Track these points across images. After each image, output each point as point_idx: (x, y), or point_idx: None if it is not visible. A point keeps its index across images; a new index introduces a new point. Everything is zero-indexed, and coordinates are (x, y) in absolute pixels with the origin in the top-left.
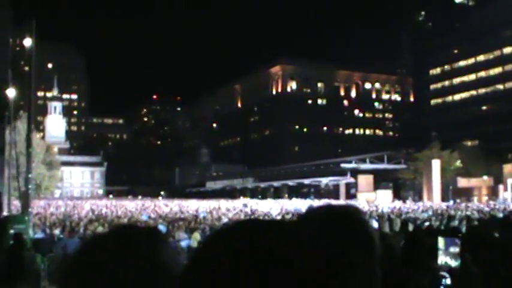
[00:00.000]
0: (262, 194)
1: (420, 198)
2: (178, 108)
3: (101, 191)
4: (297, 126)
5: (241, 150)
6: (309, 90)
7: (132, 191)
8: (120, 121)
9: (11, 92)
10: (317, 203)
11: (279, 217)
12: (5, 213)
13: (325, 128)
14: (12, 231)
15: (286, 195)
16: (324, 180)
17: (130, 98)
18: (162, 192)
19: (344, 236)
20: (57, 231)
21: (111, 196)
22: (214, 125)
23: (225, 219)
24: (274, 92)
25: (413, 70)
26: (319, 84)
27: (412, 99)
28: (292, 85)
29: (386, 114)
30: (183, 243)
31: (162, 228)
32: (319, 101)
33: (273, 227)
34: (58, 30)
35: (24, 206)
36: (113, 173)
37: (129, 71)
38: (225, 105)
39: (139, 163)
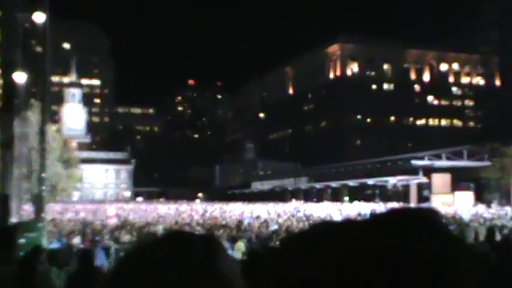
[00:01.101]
0: (317, 196)
1: (508, 202)
2: (219, 96)
3: (127, 193)
4: (359, 116)
5: (293, 145)
6: (373, 73)
7: (164, 193)
8: (151, 111)
9: (20, 77)
10: (383, 207)
11: None
12: (14, 219)
13: (392, 118)
14: (22, 240)
15: (347, 198)
16: (391, 180)
17: (162, 83)
18: (200, 195)
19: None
20: (76, 241)
21: (139, 199)
22: (261, 115)
23: (274, 226)
24: (331, 75)
25: (500, 48)
26: (386, 66)
27: (497, 83)
28: (353, 67)
29: (467, 101)
30: None
31: None
32: (386, 86)
33: (361, 227)
34: (77, 7)
35: (38, 210)
36: (142, 172)
37: (160, 52)
38: (273, 92)
39: (173, 160)
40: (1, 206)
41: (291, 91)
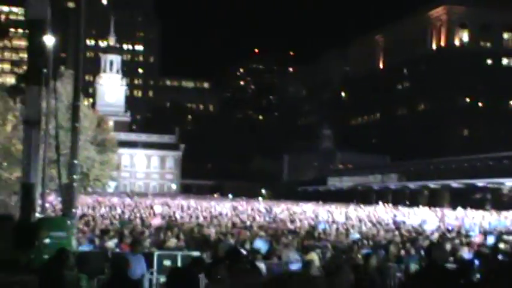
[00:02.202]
0: (410, 198)
1: None
2: (291, 69)
3: (174, 186)
4: (467, 99)
5: (381, 133)
6: (488, 44)
7: (220, 187)
8: (205, 85)
9: (49, 40)
10: (495, 216)
11: (436, 235)
12: (37, 214)
13: (511, 102)
14: (47, 240)
15: (447, 202)
16: (508, 183)
17: (220, 52)
18: (263, 191)
19: None
20: (111, 243)
21: (189, 193)
22: (343, 94)
23: (355, 235)
24: (434, 46)
25: None
26: (505, 35)
27: None
28: (463, 36)
29: None
30: (294, 267)
31: (261, 244)
32: (505, 61)
33: None
34: None
35: (67, 204)
36: (193, 160)
37: (219, 12)
38: (359, 66)
39: (230, 147)
40: (24, 198)
41: (381, 65)
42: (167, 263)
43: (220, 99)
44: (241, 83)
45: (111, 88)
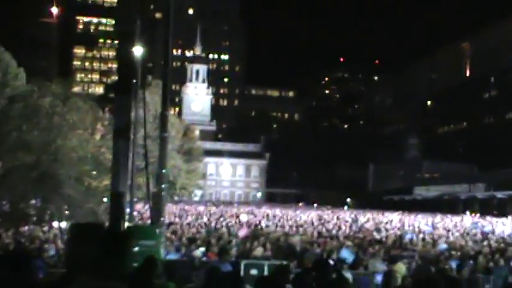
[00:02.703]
0: (499, 208)
1: None
2: (376, 77)
3: (259, 194)
4: None
5: (468, 142)
6: None
7: (304, 196)
8: (290, 94)
9: (138, 50)
10: None
11: None
12: (126, 222)
13: None
14: (137, 248)
15: None
16: None
17: (305, 60)
18: (348, 200)
19: None
20: (198, 252)
21: (274, 202)
22: (429, 102)
23: (442, 245)
24: None
25: None
26: None
27: None
28: None
29: None
30: (380, 277)
31: (347, 254)
32: None
33: None
34: None
35: (155, 213)
36: (278, 169)
37: (303, 21)
38: (445, 74)
39: (315, 156)
40: (113, 206)
41: (467, 73)
42: (254, 272)
43: (305, 108)
44: (326, 91)
45: (197, 97)
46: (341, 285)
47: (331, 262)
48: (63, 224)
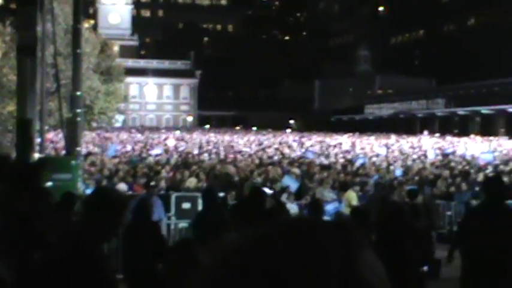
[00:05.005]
0: (460, 126)
1: None
2: None
3: (190, 118)
4: None
5: (426, 53)
6: None
7: (242, 119)
8: (223, 2)
9: None
10: None
11: (490, 167)
12: (36, 154)
13: None
14: (50, 183)
15: (503, 130)
16: None
17: None
18: (291, 122)
19: None
20: (122, 185)
21: (207, 126)
22: (381, 8)
23: (398, 170)
24: None
25: None
26: None
27: None
28: None
29: None
30: (329, 208)
31: (290, 182)
32: None
33: None
34: None
35: (70, 142)
36: (211, 89)
37: None
38: None
39: (254, 72)
40: (21, 136)
41: None
42: (186, 206)
43: (240, 18)
44: None
45: (115, 7)
46: (278, 214)
47: (270, 191)
48: None
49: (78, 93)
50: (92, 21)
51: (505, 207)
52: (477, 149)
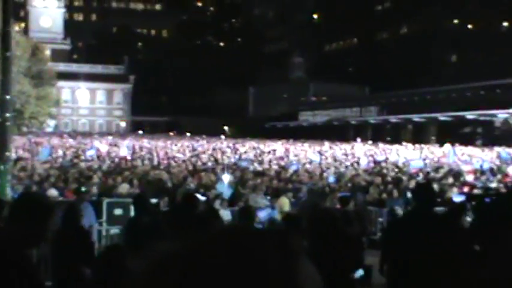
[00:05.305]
0: (393, 134)
1: None
2: None
3: (123, 123)
4: (455, 21)
5: (360, 61)
6: None
7: (176, 125)
8: (158, 7)
9: None
10: (489, 154)
11: (421, 174)
12: None
13: (505, 24)
14: None
15: (434, 138)
16: (501, 115)
17: None
18: (226, 128)
19: None
20: (53, 191)
21: (141, 132)
22: (315, 16)
23: (331, 177)
24: None
25: None
26: None
27: None
28: None
29: None
30: (262, 214)
31: (224, 188)
32: None
33: None
34: None
35: (0, 147)
36: (145, 94)
37: None
38: None
39: (188, 78)
40: None
41: None
42: (118, 212)
43: (174, 23)
44: (199, 4)
45: (47, 10)
46: (211, 221)
47: (203, 197)
48: None
49: (8, 96)
50: (23, 24)
51: (433, 214)
52: (409, 156)
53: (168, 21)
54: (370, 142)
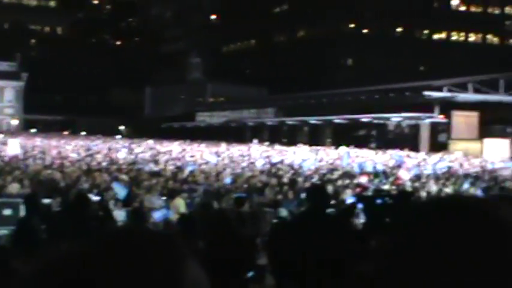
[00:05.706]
0: (289, 135)
1: None
2: None
3: (15, 122)
4: (352, 25)
5: (257, 62)
6: None
7: (70, 124)
8: (52, 3)
9: None
10: (382, 157)
11: (316, 176)
12: None
13: (399, 30)
14: None
15: (329, 140)
16: (394, 118)
17: None
18: (121, 128)
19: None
20: None
21: (34, 131)
22: (213, 16)
23: (227, 178)
24: None
25: None
26: None
27: None
28: None
29: (508, 9)
30: (157, 215)
31: (118, 189)
32: None
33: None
34: None
35: None
36: (38, 92)
37: None
38: None
39: (84, 76)
40: None
41: None
42: (8, 212)
43: (69, 21)
44: (95, 1)
45: None
46: (104, 221)
47: (96, 198)
48: None
49: None
50: None
51: (325, 215)
52: (303, 157)
53: (63, 19)
54: (266, 143)
